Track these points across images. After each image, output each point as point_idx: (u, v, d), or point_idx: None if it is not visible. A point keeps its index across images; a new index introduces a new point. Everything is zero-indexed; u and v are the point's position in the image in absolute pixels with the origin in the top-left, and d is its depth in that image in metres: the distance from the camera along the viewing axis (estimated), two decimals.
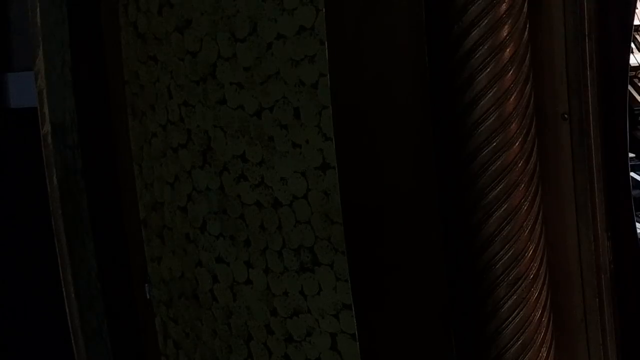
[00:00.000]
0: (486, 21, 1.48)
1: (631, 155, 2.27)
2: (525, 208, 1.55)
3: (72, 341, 2.37)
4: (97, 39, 2.32)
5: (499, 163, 1.52)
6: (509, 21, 1.50)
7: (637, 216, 2.24)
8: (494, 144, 1.51)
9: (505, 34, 1.50)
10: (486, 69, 1.49)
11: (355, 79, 1.75)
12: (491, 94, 1.50)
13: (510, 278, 1.54)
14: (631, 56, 2.27)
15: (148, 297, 2.25)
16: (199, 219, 1.99)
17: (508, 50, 1.51)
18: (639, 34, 2.57)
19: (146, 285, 2.23)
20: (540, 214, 1.60)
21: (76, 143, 2.31)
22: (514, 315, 1.55)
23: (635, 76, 2.50)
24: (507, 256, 1.53)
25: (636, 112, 2.44)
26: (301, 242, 1.78)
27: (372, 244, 1.76)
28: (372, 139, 1.75)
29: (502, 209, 1.53)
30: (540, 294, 1.58)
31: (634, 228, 1.86)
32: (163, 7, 1.98)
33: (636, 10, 2.22)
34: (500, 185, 1.53)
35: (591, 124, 1.70)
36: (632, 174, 2.28)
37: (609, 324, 1.78)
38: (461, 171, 1.58)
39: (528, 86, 1.55)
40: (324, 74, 1.70)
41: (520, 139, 1.53)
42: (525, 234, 1.55)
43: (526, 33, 1.55)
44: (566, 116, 1.70)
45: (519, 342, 1.56)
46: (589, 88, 1.69)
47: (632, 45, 2.37)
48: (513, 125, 1.52)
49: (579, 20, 1.67)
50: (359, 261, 1.75)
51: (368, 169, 1.73)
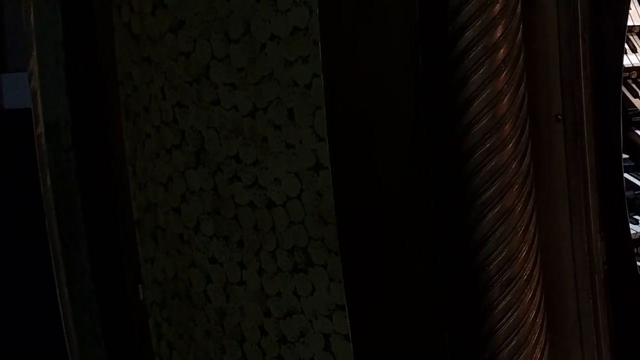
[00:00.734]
0: (480, 22, 1.49)
1: (625, 156, 2.31)
2: (519, 209, 1.56)
3: (66, 341, 2.37)
4: (90, 39, 2.33)
5: (492, 164, 1.54)
6: (503, 22, 1.51)
7: (631, 217, 2.28)
8: (488, 145, 1.52)
9: (499, 34, 1.51)
10: (480, 69, 1.50)
11: (349, 79, 1.74)
12: (485, 94, 1.51)
13: (504, 279, 1.55)
14: (624, 57, 2.29)
15: (141, 297, 2.25)
16: (193, 220, 1.99)
17: (502, 51, 1.51)
18: (632, 35, 2.58)
19: (140, 286, 2.23)
20: (534, 215, 1.61)
21: (70, 144, 2.32)
22: (507, 316, 1.56)
23: (629, 77, 2.52)
24: (500, 257, 1.55)
25: (630, 113, 2.45)
26: (295, 242, 1.78)
27: (366, 245, 1.76)
28: (366, 139, 1.74)
29: (496, 210, 1.54)
30: (534, 295, 1.60)
31: (628, 229, 1.87)
32: (157, 7, 1.98)
33: (630, 11, 2.23)
34: (494, 186, 1.54)
35: (584, 126, 1.71)
36: (626, 175, 2.30)
37: (603, 325, 1.79)
38: (455, 172, 1.58)
39: (522, 87, 1.57)
40: (317, 74, 1.70)
41: (514, 140, 1.55)
42: (519, 235, 1.57)
43: (520, 34, 1.56)
44: (560, 117, 1.71)
45: (513, 343, 1.56)
46: (583, 89, 1.70)
47: (626, 46, 2.39)
48: (507, 126, 1.53)
49: (573, 21, 1.68)
50: (352, 262, 1.74)
51: (362, 169, 1.73)
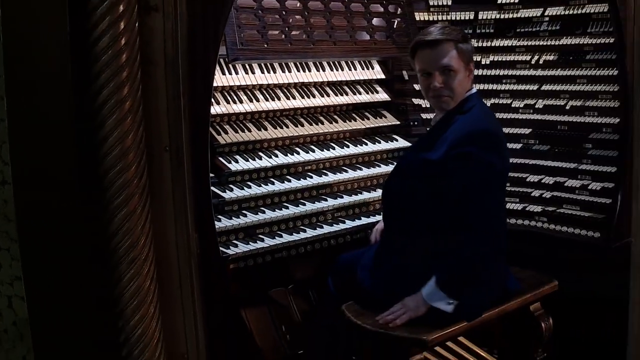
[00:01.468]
0: (112, 83, 1.81)
1: (212, 175, 2.77)
2: (139, 211, 1.90)
3: None
4: None
5: (121, 180, 1.85)
6: (128, 83, 1.85)
7: (216, 217, 2.72)
8: (118, 167, 1.84)
9: (125, 92, 1.84)
10: (113, 115, 1.82)
11: (25, 129, 1.95)
12: (116, 133, 1.83)
13: (129, 258, 1.89)
14: (212, 108, 2.62)
15: None
16: None
17: (127, 103, 1.85)
18: (216, 92, 3.11)
19: None
20: (149, 215, 1.94)
21: None
22: (131, 283, 1.90)
23: (214, 121, 3.07)
24: (126, 243, 1.88)
25: (215, 145, 3.00)
26: None
27: (36, 237, 1.98)
28: (35, 166, 1.96)
29: (123, 211, 1.87)
30: (149, 269, 1.95)
31: (214, 226, 2.37)
32: None
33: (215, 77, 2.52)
34: (122, 195, 1.86)
35: (184, 155, 2.15)
36: (213, 188, 2.76)
37: (196, 292, 2.22)
38: (98, 186, 1.86)
39: (141, 128, 1.90)
40: (2, 119, 1.91)
41: (135, 164, 1.87)
42: (139, 229, 1.90)
43: (140, 91, 1.89)
44: (167, 149, 2.11)
45: (135, 302, 1.91)
46: (183, 129, 2.13)
47: (212, 100, 2.87)
48: (131, 154, 1.86)
49: (176, 83, 2.10)
50: (27, 247, 1.97)
51: (31, 185, 1.96)
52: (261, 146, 3.23)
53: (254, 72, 3.26)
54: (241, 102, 3.20)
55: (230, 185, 3.03)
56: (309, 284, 3.27)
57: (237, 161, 3.08)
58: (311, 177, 3.28)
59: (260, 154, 3.19)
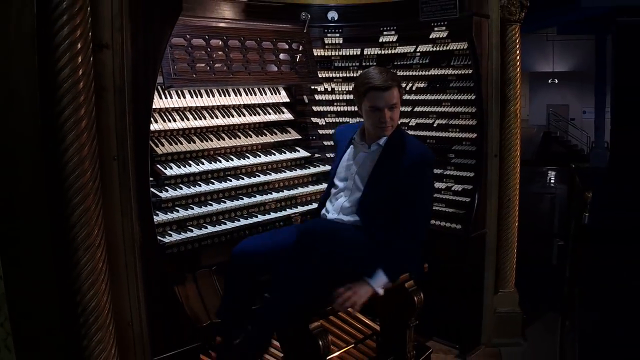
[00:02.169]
0: (72, 105, 1.86)
1: (151, 179, 2.77)
2: (93, 207, 1.94)
3: None
4: None
5: (78, 183, 1.90)
6: (84, 105, 1.89)
7: (155, 212, 2.74)
8: (76, 172, 1.89)
9: (82, 112, 1.88)
10: (72, 131, 1.86)
11: None
12: (74, 145, 1.88)
13: (85, 245, 1.93)
14: (151, 125, 2.50)
15: None
16: None
17: (84, 121, 1.89)
18: (155, 113, 3.04)
19: None
20: (101, 211, 1.98)
21: None
22: (87, 266, 1.94)
23: (153, 136, 2.87)
24: (83, 233, 1.92)
25: (154, 155, 2.79)
26: None
27: (10, 229, 1.95)
28: (9, 172, 1.93)
29: (81, 207, 1.91)
30: (101, 254, 1.98)
31: (152, 220, 2.35)
32: None
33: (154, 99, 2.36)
34: (80, 194, 1.90)
35: (129, 162, 2.16)
36: (152, 189, 2.69)
37: (139, 272, 2.24)
38: (59, 187, 1.88)
39: (95, 141, 1.94)
40: None
41: (90, 169, 1.91)
42: (93, 222, 1.94)
43: (94, 111, 1.93)
44: (116, 157, 2.13)
45: (90, 280, 1.94)
46: (128, 142, 2.15)
47: (152, 119, 2.79)
48: (87, 162, 1.91)
49: (123, 106, 2.12)
50: (2, 237, 1.94)
51: (4, 186, 1.93)
52: (191, 156, 3.20)
53: (185, 97, 3.23)
54: (175, 120, 3.17)
55: (166, 187, 3.01)
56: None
57: (171, 168, 3.05)
58: (230, 180, 3.27)
59: (190, 162, 3.16)
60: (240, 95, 3.52)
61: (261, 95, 3.63)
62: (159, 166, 3.01)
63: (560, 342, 3.62)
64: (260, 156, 3.49)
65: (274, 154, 3.57)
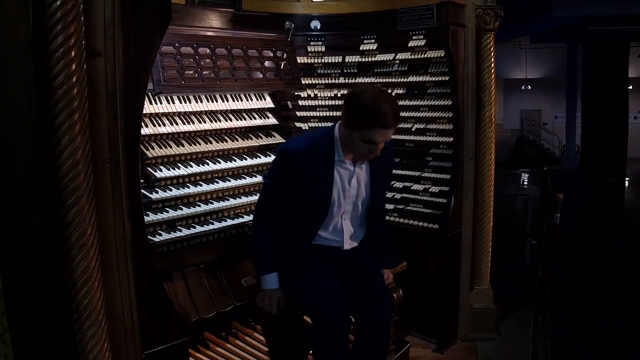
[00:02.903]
0: (66, 110, 1.82)
1: (142, 180, 2.71)
2: (87, 208, 1.91)
3: None
4: None
5: (72, 184, 1.87)
6: (78, 110, 1.85)
7: (146, 213, 2.73)
8: (71, 174, 1.87)
9: (76, 117, 1.83)
10: (66, 135, 1.84)
11: None
12: (69, 149, 1.84)
13: (79, 244, 1.90)
14: (142, 130, 2.49)
15: None
16: None
17: (78, 126, 1.83)
18: (145, 118, 2.98)
19: None
20: (94, 211, 1.95)
21: None
22: (81, 263, 1.91)
23: (143, 140, 2.90)
24: (77, 233, 1.89)
25: (144, 158, 2.92)
26: None
27: (8, 229, 1.94)
28: (7, 174, 1.90)
29: (75, 208, 1.88)
30: (94, 253, 1.95)
31: (143, 220, 2.33)
32: None
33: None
34: (74, 195, 1.88)
35: (121, 165, 2.15)
36: (142, 191, 2.63)
37: (130, 270, 2.21)
38: (55, 188, 1.86)
39: (88, 145, 1.90)
40: None
41: (84, 172, 1.89)
42: (87, 222, 1.91)
43: (87, 116, 1.89)
44: (108, 160, 2.10)
45: (84, 277, 1.93)
46: (120, 147, 2.13)
47: (142, 124, 2.69)
48: (80, 165, 1.88)
49: (115, 111, 2.07)
50: (1, 237, 1.92)
51: (3, 188, 1.91)
52: (180, 159, 3.19)
53: (174, 102, 3.23)
54: (164, 125, 3.16)
55: (156, 189, 3.00)
56: (215, 264, 3.24)
57: (161, 170, 3.04)
58: (218, 182, 3.27)
59: (179, 164, 3.16)
60: (227, 101, 3.53)
61: (247, 101, 3.64)
62: (149, 169, 3.01)
63: (532, 337, 3.67)
64: (246, 159, 3.49)
65: (260, 157, 3.57)
